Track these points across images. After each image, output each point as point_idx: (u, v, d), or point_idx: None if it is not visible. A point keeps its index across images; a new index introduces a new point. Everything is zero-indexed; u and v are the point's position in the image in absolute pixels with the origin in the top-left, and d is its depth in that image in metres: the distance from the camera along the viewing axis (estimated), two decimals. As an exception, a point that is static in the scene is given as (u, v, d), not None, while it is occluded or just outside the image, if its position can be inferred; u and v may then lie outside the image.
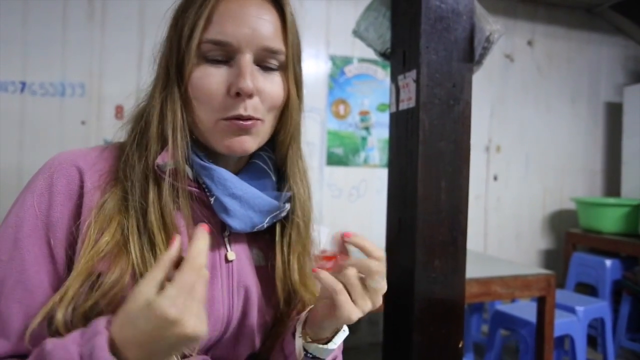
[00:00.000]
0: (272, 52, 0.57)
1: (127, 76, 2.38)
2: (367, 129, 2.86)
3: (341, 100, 2.80)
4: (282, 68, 0.60)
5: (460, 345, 1.02)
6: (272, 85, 0.58)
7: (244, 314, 0.62)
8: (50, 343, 0.45)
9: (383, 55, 1.13)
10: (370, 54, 1.19)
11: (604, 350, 2.51)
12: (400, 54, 1.05)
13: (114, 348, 0.43)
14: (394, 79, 1.09)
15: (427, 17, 0.96)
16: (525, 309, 2.20)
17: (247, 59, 0.55)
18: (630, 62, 3.62)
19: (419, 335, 0.99)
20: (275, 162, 0.65)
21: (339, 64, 2.79)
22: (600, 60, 3.52)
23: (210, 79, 0.55)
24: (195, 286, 0.44)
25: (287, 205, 0.63)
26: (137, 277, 0.52)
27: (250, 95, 0.55)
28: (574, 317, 2.19)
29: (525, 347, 2.11)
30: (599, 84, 3.53)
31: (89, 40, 2.35)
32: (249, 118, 0.56)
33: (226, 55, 0.56)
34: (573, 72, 3.44)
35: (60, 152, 0.58)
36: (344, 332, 0.62)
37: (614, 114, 3.53)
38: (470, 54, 1.00)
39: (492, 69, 3.14)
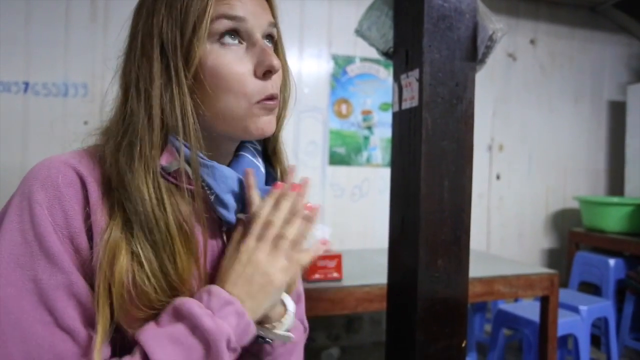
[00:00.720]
0: (273, 26, 0.59)
1: (130, 76, 2.38)
2: (369, 128, 2.86)
3: (343, 99, 2.80)
4: (274, 41, 0.62)
5: (463, 345, 1.02)
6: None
7: None
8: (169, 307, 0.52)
9: (386, 54, 1.13)
10: (373, 53, 1.19)
11: (608, 349, 2.51)
12: (403, 53, 1.04)
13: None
14: (396, 78, 1.08)
15: (429, 16, 0.96)
16: (528, 309, 2.19)
17: (260, 36, 0.56)
18: (634, 61, 3.60)
19: (422, 334, 0.99)
20: (259, 150, 0.66)
21: (341, 63, 2.79)
22: (603, 59, 3.51)
23: (236, 63, 0.55)
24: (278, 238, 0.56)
25: None
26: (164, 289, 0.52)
27: (278, 69, 0.57)
28: (577, 317, 2.19)
29: (529, 347, 2.11)
30: (602, 83, 3.52)
31: (92, 41, 2.35)
32: (275, 96, 0.58)
33: (239, 37, 0.56)
34: (576, 71, 3.43)
35: (51, 157, 0.54)
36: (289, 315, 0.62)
37: (617, 113, 3.51)
38: (473, 52, 0.99)
39: (494, 68, 3.14)
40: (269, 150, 0.67)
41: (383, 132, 2.87)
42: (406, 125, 1.03)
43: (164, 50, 0.54)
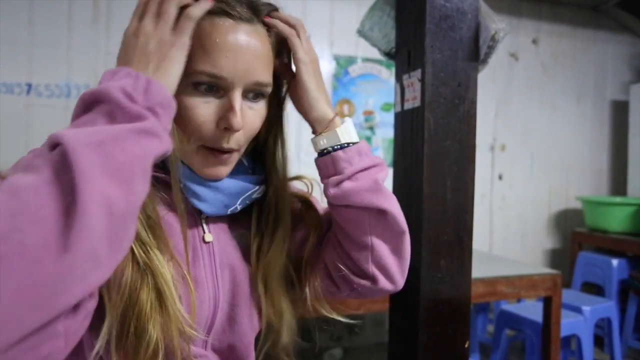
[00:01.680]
0: (262, 86, 0.58)
1: (132, 77, 2.39)
2: (371, 128, 2.86)
3: (345, 100, 2.80)
4: (266, 96, 0.61)
5: (466, 346, 1.02)
6: (255, 116, 0.60)
7: (233, 292, 0.64)
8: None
9: (388, 54, 1.13)
10: (374, 53, 1.19)
11: (611, 350, 2.50)
12: (405, 53, 1.04)
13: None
14: (398, 78, 1.08)
15: (432, 16, 0.96)
16: (531, 309, 2.19)
17: (237, 94, 0.56)
18: (636, 60, 3.59)
19: (425, 335, 0.99)
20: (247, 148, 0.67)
21: (343, 63, 2.79)
22: (606, 59, 3.50)
23: (198, 110, 0.55)
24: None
25: (260, 187, 0.65)
26: (141, 269, 0.52)
27: (237, 131, 0.56)
28: (580, 317, 2.18)
29: (532, 347, 2.10)
30: (605, 82, 3.51)
31: (94, 42, 2.36)
32: (230, 150, 0.58)
33: (216, 87, 0.56)
34: (578, 71, 3.42)
35: None
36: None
37: (620, 112, 3.51)
38: (476, 52, 0.99)
39: (496, 68, 3.13)
40: (260, 159, 0.68)
41: (385, 132, 2.87)
42: (408, 126, 1.03)
43: None
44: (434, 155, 0.98)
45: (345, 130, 0.65)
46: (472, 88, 1.00)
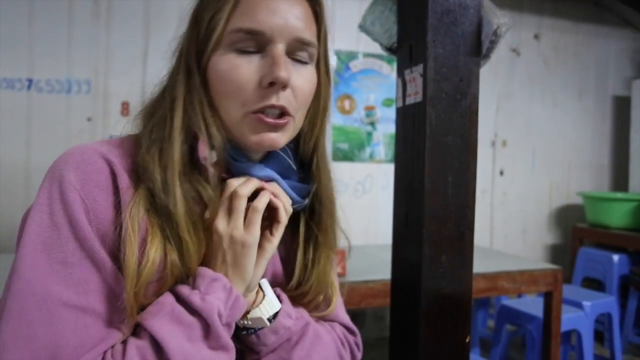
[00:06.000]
0: (304, 44, 0.55)
1: (133, 73, 2.38)
2: (372, 124, 2.85)
3: (346, 95, 2.79)
4: (313, 61, 0.58)
5: (467, 340, 1.02)
6: (304, 80, 0.56)
7: None
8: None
9: (389, 49, 1.13)
10: (376, 48, 1.18)
11: (611, 345, 2.50)
12: (407, 48, 1.04)
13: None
14: (400, 73, 1.08)
15: (434, 10, 0.96)
16: (531, 304, 2.19)
17: (280, 48, 0.53)
18: (639, 55, 3.58)
19: (426, 330, 0.99)
20: (295, 152, 0.64)
21: (344, 59, 2.78)
22: (608, 54, 3.49)
23: (240, 70, 0.53)
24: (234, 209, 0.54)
25: (306, 200, 0.63)
26: (178, 278, 0.52)
27: (284, 87, 0.53)
28: (580, 312, 2.19)
29: (532, 342, 2.11)
30: (607, 78, 3.50)
31: (95, 37, 2.35)
32: (282, 109, 0.54)
33: (257, 46, 0.54)
34: (580, 66, 3.41)
35: (80, 145, 0.54)
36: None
37: (621, 108, 3.50)
38: (478, 47, 0.99)
39: (498, 63, 3.12)
40: (302, 156, 0.64)
41: (386, 127, 2.86)
42: (410, 121, 1.03)
43: (190, 43, 0.57)
44: (436, 151, 0.98)
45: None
46: (474, 83, 1.00)
